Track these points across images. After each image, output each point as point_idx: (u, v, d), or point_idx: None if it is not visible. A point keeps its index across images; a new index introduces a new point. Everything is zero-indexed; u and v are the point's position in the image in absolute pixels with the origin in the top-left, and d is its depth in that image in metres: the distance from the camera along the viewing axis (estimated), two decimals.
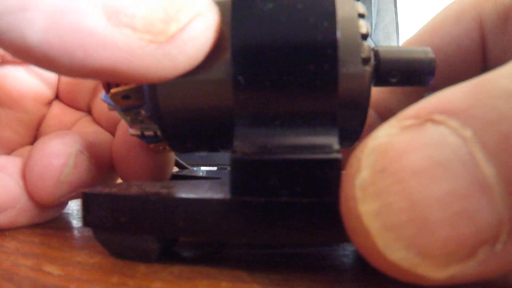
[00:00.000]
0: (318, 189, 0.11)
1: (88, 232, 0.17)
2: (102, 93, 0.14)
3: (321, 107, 0.12)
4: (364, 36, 0.12)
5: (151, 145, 0.16)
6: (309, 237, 0.11)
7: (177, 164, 0.26)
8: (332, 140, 0.12)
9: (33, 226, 0.18)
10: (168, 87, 0.12)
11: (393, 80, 0.14)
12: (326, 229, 0.11)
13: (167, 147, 0.16)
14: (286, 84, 0.12)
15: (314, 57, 0.11)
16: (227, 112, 0.12)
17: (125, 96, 0.13)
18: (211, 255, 0.13)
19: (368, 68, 0.12)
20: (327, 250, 0.14)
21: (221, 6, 0.12)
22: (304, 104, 0.12)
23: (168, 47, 0.10)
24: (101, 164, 0.18)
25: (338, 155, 0.11)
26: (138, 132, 0.15)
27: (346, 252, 0.14)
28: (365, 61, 0.12)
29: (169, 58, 0.10)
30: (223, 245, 0.14)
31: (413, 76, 0.14)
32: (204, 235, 0.11)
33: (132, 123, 0.15)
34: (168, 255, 0.13)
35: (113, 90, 0.13)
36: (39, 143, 0.17)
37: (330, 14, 0.11)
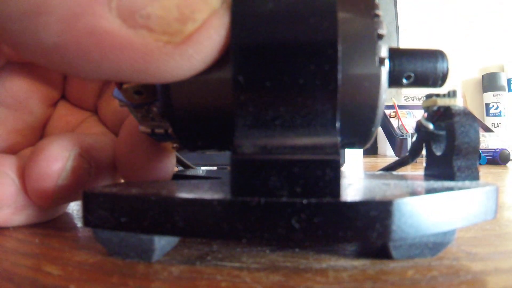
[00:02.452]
0: (318, 189, 0.11)
1: (88, 232, 0.17)
2: (114, 90, 0.14)
3: (321, 107, 0.12)
4: (380, 36, 0.12)
5: (161, 143, 0.16)
6: (309, 237, 0.11)
7: (181, 163, 0.26)
8: (332, 141, 0.12)
9: (33, 226, 0.18)
10: (181, 84, 0.12)
11: (407, 81, 0.14)
12: (326, 229, 0.11)
13: (177, 146, 0.16)
14: (286, 84, 0.12)
15: (314, 57, 0.11)
16: None
17: (137, 92, 0.13)
18: (212, 255, 0.13)
19: (381, 69, 0.12)
20: (327, 250, 0.14)
21: None
22: (304, 104, 0.12)
23: (185, 47, 0.10)
24: (102, 166, 0.18)
25: (338, 156, 0.11)
26: (149, 130, 0.15)
27: (346, 252, 0.14)
28: (381, 61, 0.12)
29: (186, 57, 0.10)
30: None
31: (427, 78, 0.14)
32: (204, 235, 0.11)
33: (142, 120, 0.15)
34: (168, 255, 0.13)
35: (125, 86, 0.13)
36: (39, 145, 0.17)
37: (331, 14, 0.11)
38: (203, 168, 0.26)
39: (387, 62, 0.12)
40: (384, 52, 0.12)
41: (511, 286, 0.11)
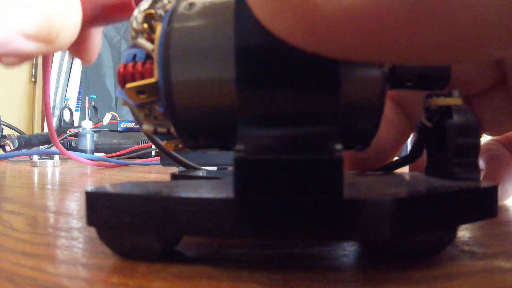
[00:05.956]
0: (321, 188, 0.11)
1: (88, 232, 0.17)
2: (117, 89, 0.14)
3: (323, 106, 0.12)
4: None
5: (164, 142, 0.16)
6: (311, 236, 0.11)
7: (183, 164, 0.26)
8: (335, 140, 0.12)
9: (33, 226, 0.18)
10: (183, 84, 0.12)
11: (409, 84, 0.13)
12: (328, 228, 0.11)
13: (180, 145, 0.16)
14: (289, 83, 0.12)
15: (316, 57, 0.11)
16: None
17: (140, 91, 0.13)
18: (212, 255, 0.13)
19: (383, 70, 0.12)
20: (327, 250, 0.14)
21: (224, 6, 0.12)
22: (307, 103, 0.12)
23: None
24: None
25: (341, 155, 0.11)
26: (151, 129, 0.15)
27: (346, 252, 0.14)
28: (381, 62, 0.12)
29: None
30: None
31: (429, 80, 0.14)
32: (207, 234, 0.11)
33: (145, 119, 0.15)
34: (170, 255, 0.13)
35: (128, 85, 0.13)
36: None
37: None
38: (206, 168, 0.26)
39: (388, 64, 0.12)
40: None
41: (511, 286, 0.11)
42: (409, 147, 0.18)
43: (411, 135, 0.22)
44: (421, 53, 0.09)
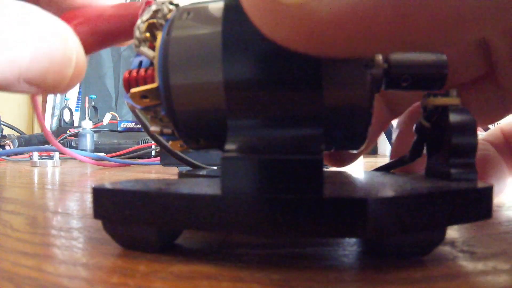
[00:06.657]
0: (301, 186, 0.11)
1: (88, 232, 0.17)
2: (125, 94, 0.15)
3: (306, 109, 0.12)
4: None
5: (170, 142, 0.17)
6: (291, 230, 0.11)
7: (189, 163, 0.26)
8: (316, 141, 0.12)
9: (33, 226, 0.18)
10: (181, 88, 0.13)
11: (404, 84, 0.14)
12: (307, 224, 0.11)
13: (184, 145, 0.17)
14: (273, 87, 0.12)
15: (298, 59, 0.12)
16: None
17: (143, 96, 0.14)
18: (212, 255, 0.13)
19: (370, 72, 0.12)
20: (327, 250, 0.14)
21: (214, 13, 0.13)
22: (290, 105, 0.12)
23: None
24: None
25: (320, 156, 0.12)
26: (158, 130, 0.16)
27: (346, 252, 0.14)
28: (367, 65, 0.12)
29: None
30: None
31: (425, 80, 0.14)
32: (198, 228, 0.12)
33: (152, 121, 0.16)
34: (170, 254, 0.13)
35: (132, 90, 0.14)
36: None
37: None
38: (214, 168, 0.27)
39: (380, 64, 0.13)
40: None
41: (511, 286, 0.11)
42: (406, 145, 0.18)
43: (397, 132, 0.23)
44: (409, 39, 0.10)
